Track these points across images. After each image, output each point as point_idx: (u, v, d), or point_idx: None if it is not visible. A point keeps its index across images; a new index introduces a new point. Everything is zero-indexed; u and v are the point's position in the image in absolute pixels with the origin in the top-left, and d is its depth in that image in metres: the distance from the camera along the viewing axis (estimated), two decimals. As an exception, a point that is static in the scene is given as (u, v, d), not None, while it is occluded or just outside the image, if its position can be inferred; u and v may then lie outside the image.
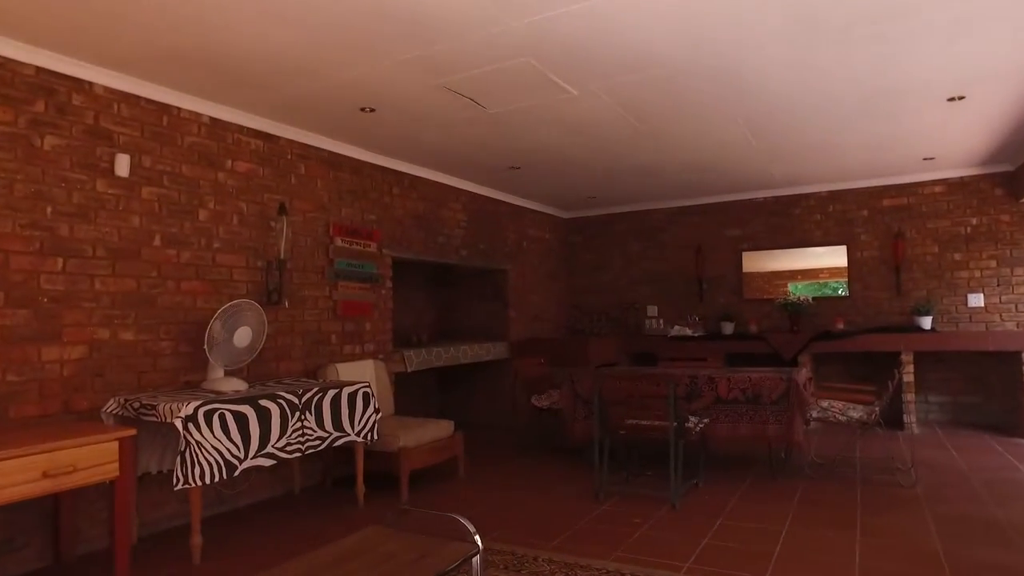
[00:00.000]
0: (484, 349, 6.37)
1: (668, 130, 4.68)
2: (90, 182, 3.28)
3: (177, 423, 2.88)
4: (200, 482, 2.92)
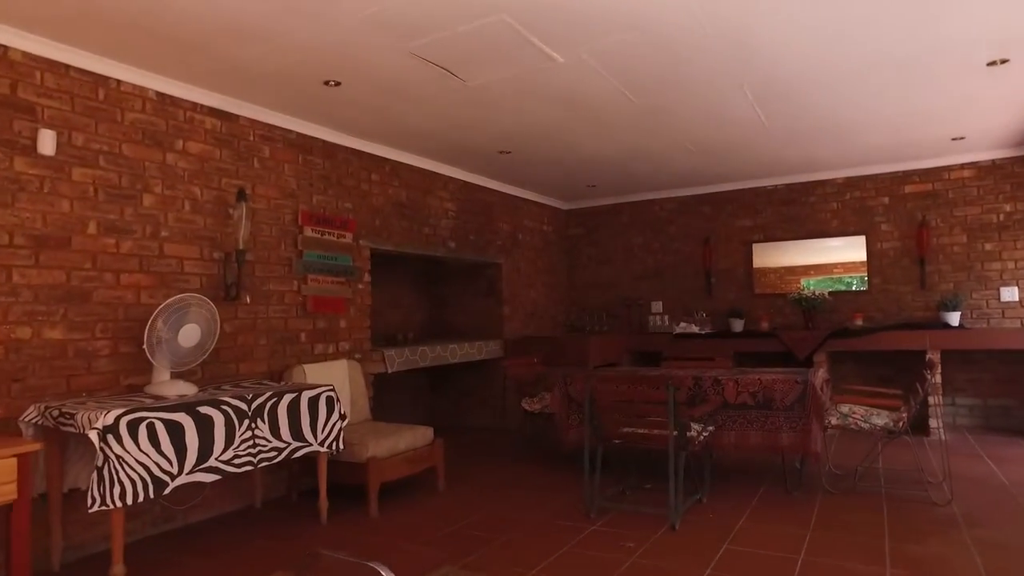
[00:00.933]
0: (475, 348, 5.96)
1: (668, 107, 4.24)
2: (6, 160, 2.90)
3: (92, 435, 2.49)
4: (120, 503, 2.53)
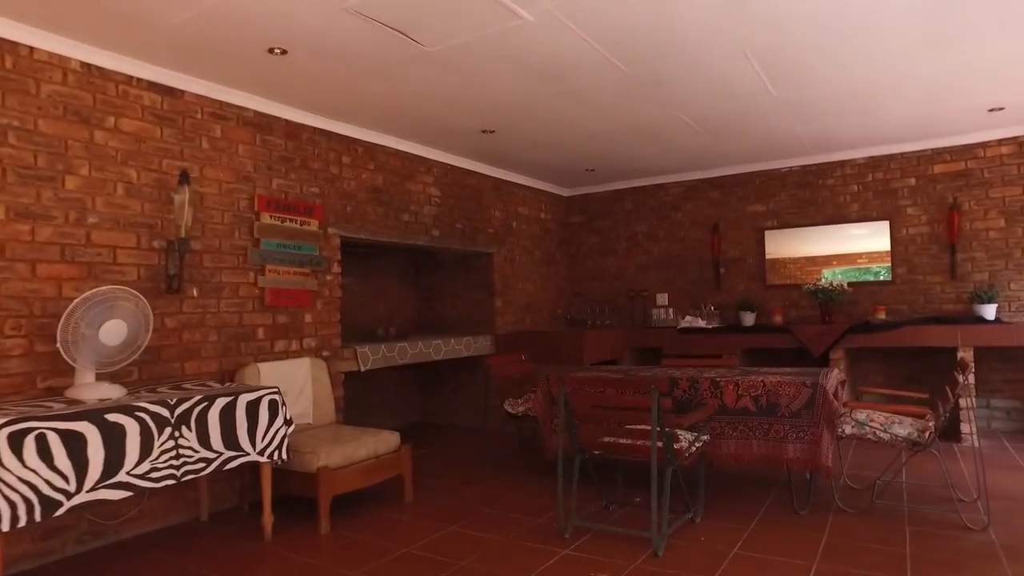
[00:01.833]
0: (463, 344, 5.57)
1: (663, 77, 3.77)
2: None
3: (-38, 450, 2.15)
4: (-2, 528, 2.19)
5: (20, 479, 2.25)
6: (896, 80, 3.94)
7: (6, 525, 2.20)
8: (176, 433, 2.76)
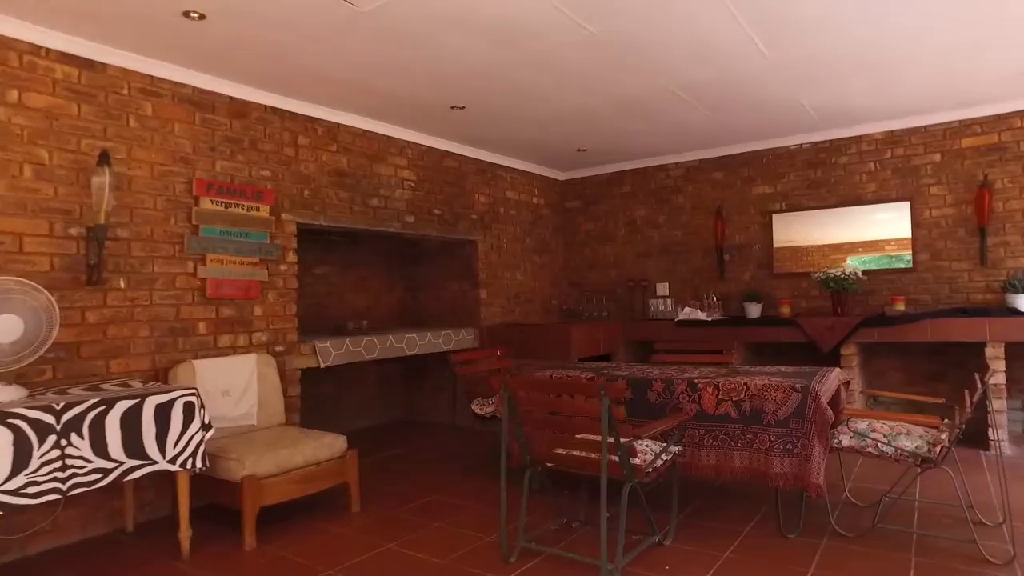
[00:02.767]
0: (442, 337, 5.21)
1: (636, 38, 3.32)
2: None
3: None
4: None
5: None
6: (909, 39, 3.41)
7: None
8: (63, 442, 2.46)
